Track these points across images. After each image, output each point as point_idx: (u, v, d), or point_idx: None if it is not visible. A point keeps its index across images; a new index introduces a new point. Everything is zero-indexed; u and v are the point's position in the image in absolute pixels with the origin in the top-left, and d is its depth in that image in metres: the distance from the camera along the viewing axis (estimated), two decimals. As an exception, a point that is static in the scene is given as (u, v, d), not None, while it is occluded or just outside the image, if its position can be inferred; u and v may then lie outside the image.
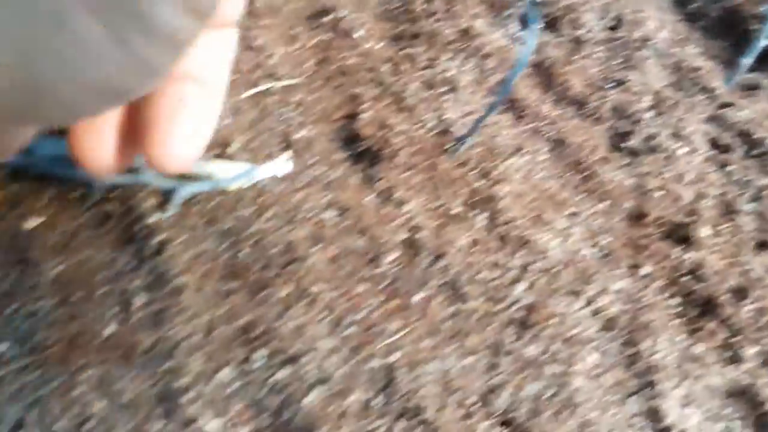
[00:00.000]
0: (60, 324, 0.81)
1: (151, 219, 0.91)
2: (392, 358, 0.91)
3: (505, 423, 0.92)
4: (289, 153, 1.06)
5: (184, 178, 0.95)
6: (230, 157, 1.05)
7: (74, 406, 0.77)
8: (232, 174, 0.99)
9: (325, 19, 1.36)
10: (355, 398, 0.86)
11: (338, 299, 0.94)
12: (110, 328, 0.83)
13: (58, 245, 0.88)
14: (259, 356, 0.85)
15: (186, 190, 0.93)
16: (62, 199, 0.91)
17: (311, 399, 0.83)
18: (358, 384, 0.87)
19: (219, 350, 0.84)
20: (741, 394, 1.04)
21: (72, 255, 0.87)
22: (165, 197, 0.94)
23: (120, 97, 0.45)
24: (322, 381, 0.85)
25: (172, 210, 0.92)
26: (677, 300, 1.12)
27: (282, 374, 0.85)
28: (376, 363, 0.90)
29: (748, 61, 1.47)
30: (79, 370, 0.79)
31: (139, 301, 0.85)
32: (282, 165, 1.02)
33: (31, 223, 0.89)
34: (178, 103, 0.64)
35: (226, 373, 0.83)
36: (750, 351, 1.08)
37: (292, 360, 0.86)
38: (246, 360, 0.85)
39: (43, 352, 0.79)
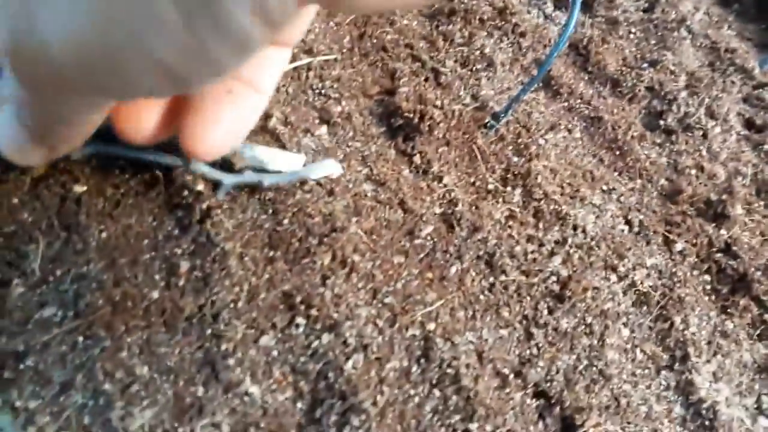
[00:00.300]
0: (106, 288, 0.81)
1: (197, 186, 0.90)
2: (429, 328, 0.90)
3: (539, 394, 0.91)
4: (337, 160, 1.03)
5: (234, 170, 0.94)
6: (271, 132, 1.04)
7: (119, 369, 0.76)
8: (281, 166, 0.97)
9: (364, -4, 1.34)
10: (393, 365, 0.85)
11: (377, 269, 0.94)
12: (155, 293, 0.82)
13: (105, 210, 0.88)
14: (301, 322, 0.85)
15: (232, 181, 0.92)
16: (109, 165, 0.91)
17: (351, 365, 0.83)
18: (397, 352, 0.86)
19: (261, 316, 0.84)
20: (773, 371, 1.02)
21: (118, 220, 0.87)
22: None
23: (181, 85, 0.45)
24: (361, 348, 0.85)
25: (220, 197, 0.92)
26: (710, 276, 1.10)
27: (323, 340, 0.84)
28: (413, 332, 0.89)
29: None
30: (124, 334, 0.79)
31: (183, 266, 0.85)
32: (332, 167, 1.00)
33: (79, 188, 0.88)
34: (225, 95, 0.64)
35: (268, 339, 0.83)
36: (782, 328, 1.06)
37: (333, 327, 0.85)
38: (288, 326, 0.85)
39: (89, 316, 0.79)
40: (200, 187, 0.90)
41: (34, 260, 0.82)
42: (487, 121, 1.17)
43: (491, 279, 0.99)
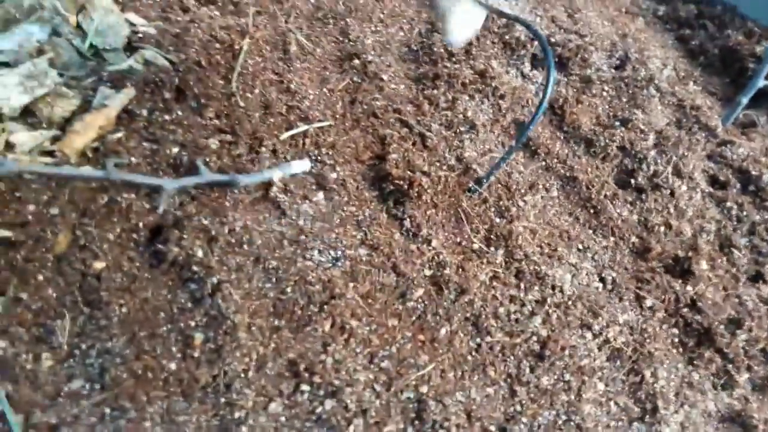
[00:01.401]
0: (128, 362, 0.87)
1: (205, 258, 0.96)
2: (422, 390, 0.96)
3: (522, 449, 0.97)
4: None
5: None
6: (272, 200, 1.10)
7: (144, 437, 0.82)
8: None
9: (355, 62, 1.41)
10: (390, 428, 0.92)
11: (373, 333, 1.00)
12: (173, 365, 0.88)
13: (123, 285, 0.93)
14: (305, 389, 0.91)
15: (173, 186, 1.00)
16: (125, 240, 0.97)
17: (353, 430, 0.89)
18: (394, 415, 0.93)
19: (270, 384, 0.90)
20: (734, 419, 1.10)
21: (136, 294, 0.93)
22: (213, 234, 0.99)
23: None
24: (361, 413, 0.91)
25: (162, 206, 0.98)
26: (677, 330, 1.18)
27: (326, 406, 0.90)
28: (408, 395, 0.95)
29: (745, 100, 1.52)
30: (146, 405, 0.84)
31: (198, 338, 0.91)
32: (302, 165, 1.09)
33: (98, 264, 0.94)
34: None
35: (276, 406, 0.89)
36: (743, 377, 1.14)
37: (335, 393, 0.91)
38: (293, 393, 0.91)
39: (114, 388, 0.84)
40: (201, 254, 0.96)
41: (62, 335, 0.88)
42: (470, 185, 1.24)
43: (478, 340, 1.06)
